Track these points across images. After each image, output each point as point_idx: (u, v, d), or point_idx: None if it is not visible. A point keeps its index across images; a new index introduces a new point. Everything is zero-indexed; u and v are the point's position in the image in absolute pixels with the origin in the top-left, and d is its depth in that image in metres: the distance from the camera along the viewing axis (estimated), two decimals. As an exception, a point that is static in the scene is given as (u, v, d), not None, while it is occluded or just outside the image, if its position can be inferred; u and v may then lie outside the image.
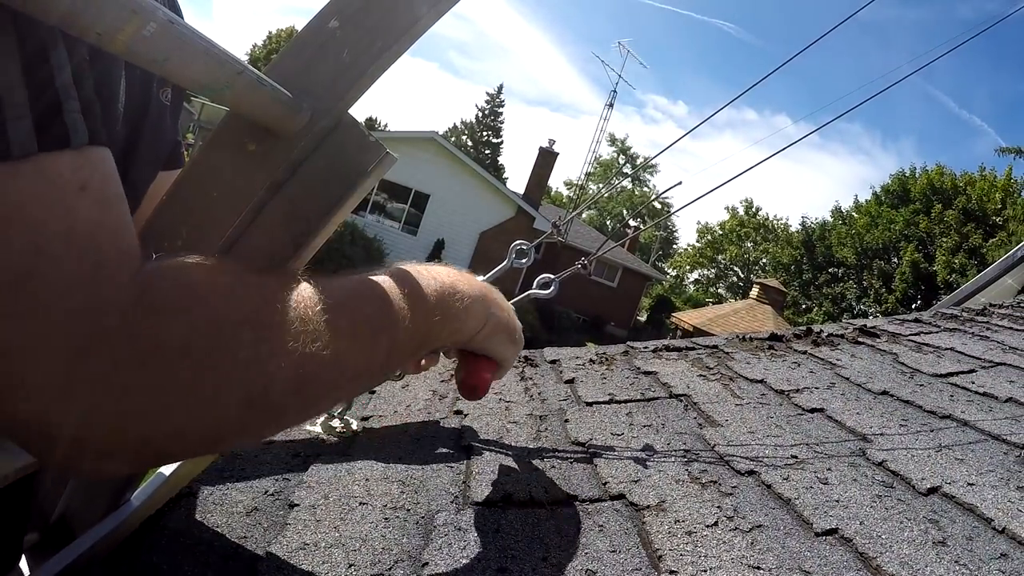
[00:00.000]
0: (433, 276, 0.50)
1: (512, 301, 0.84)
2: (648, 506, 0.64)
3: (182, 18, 0.47)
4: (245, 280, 0.39)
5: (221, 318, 0.35)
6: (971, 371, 1.14)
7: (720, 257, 38.25)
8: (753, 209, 38.49)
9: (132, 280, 0.32)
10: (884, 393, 1.01)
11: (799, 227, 32.85)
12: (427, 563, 0.54)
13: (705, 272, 39.65)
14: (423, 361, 0.70)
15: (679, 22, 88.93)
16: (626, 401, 0.98)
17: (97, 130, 0.33)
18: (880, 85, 0.96)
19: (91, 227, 0.31)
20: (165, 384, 0.32)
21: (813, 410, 0.93)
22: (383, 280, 0.45)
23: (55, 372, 0.29)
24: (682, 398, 0.99)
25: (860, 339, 1.42)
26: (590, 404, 0.97)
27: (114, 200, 0.33)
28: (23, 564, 0.67)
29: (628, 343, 1.37)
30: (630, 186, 45.93)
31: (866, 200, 28.73)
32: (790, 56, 1.04)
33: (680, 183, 1.02)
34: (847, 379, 1.10)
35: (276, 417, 0.40)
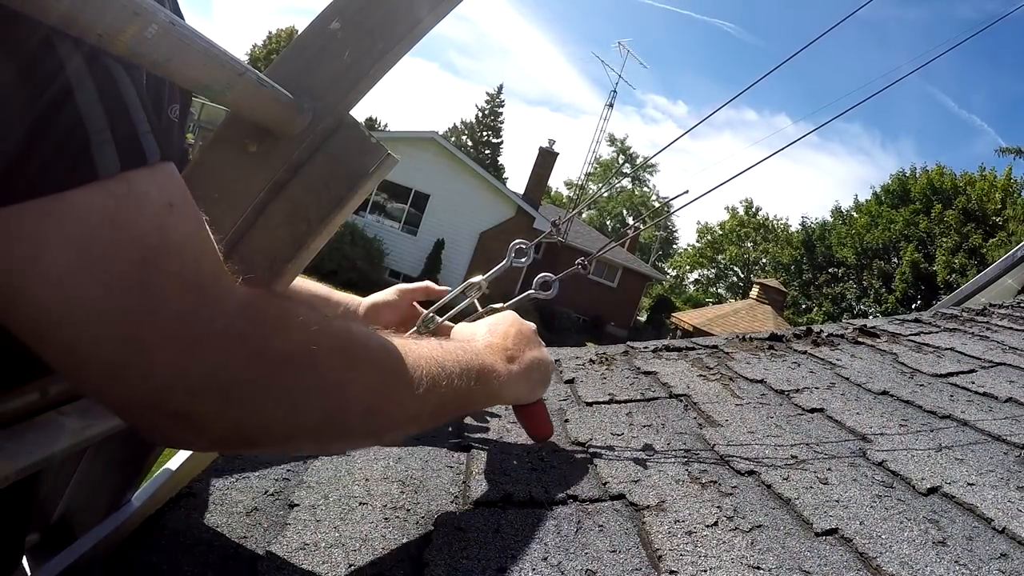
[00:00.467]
0: (476, 353, 0.62)
1: (511, 302, 0.84)
2: (648, 506, 0.64)
3: (183, 19, 0.48)
4: (332, 322, 0.45)
5: (318, 343, 0.41)
6: (971, 371, 1.15)
7: (720, 257, 38.24)
8: (753, 209, 38.49)
9: (231, 290, 0.37)
10: (884, 393, 1.01)
11: (799, 227, 32.87)
12: (427, 563, 0.54)
13: (705, 272, 39.64)
14: None
15: (679, 22, 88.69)
16: (626, 401, 0.98)
17: (164, 145, 0.36)
18: (880, 85, 0.96)
19: (182, 239, 0.35)
20: (264, 385, 0.38)
21: (813, 410, 0.93)
22: (446, 350, 0.55)
23: (171, 362, 0.34)
24: (682, 398, 1.00)
25: (860, 339, 1.42)
26: (590, 404, 0.97)
27: (198, 215, 0.37)
28: (24, 564, 0.67)
29: (628, 343, 1.37)
30: (630, 186, 45.91)
31: (866, 200, 28.75)
32: (789, 55, 1.04)
33: (687, 191, 1.02)
34: (847, 379, 1.10)
35: (344, 435, 0.48)
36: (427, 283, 0.92)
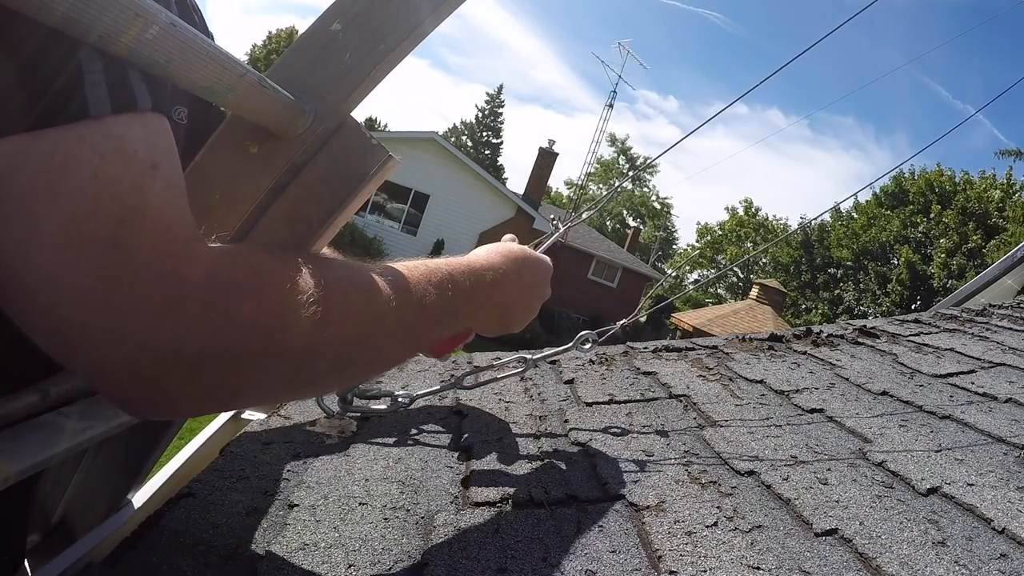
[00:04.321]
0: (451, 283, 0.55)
1: None
2: (648, 506, 0.64)
3: (204, 22, 0.48)
4: (311, 272, 0.43)
5: (287, 304, 0.40)
6: (971, 372, 1.15)
7: (720, 257, 38.24)
8: (752, 209, 38.48)
9: (200, 257, 0.37)
10: (884, 393, 1.01)
11: (798, 227, 32.82)
12: (427, 563, 0.54)
13: (705, 272, 39.62)
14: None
15: (665, 14, 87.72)
16: (626, 401, 0.98)
17: (161, 98, 0.35)
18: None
19: (162, 203, 0.35)
20: (232, 350, 0.37)
21: (813, 410, 0.93)
22: (426, 289, 0.52)
23: (141, 328, 0.34)
24: (682, 398, 1.00)
25: (860, 339, 1.42)
26: (590, 404, 0.97)
27: (179, 180, 0.37)
28: (25, 564, 0.67)
29: (628, 343, 1.37)
30: (630, 187, 45.91)
31: (866, 201, 28.75)
32: (793, 56, 1.04)
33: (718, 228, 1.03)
34: (847, 379, 1.10)
35: (317, 385, 0.49)
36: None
